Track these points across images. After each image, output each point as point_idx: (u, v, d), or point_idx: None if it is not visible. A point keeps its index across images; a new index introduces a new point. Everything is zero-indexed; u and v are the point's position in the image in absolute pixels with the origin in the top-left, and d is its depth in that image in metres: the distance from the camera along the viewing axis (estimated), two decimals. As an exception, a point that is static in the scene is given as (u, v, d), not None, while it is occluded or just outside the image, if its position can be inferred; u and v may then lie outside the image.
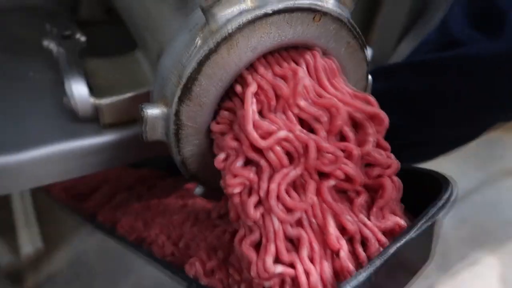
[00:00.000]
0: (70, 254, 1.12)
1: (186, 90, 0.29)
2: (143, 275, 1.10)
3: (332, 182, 0.29)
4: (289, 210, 0.27)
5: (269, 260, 0.26)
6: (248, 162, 0.29)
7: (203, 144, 0.33)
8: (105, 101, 0.45)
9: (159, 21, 0.38)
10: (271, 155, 0.28)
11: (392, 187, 0.29)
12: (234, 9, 0.28)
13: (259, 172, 0.28)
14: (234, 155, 0.29)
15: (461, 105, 0.46)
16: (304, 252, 0.27)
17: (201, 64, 0.28)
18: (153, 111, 0.30)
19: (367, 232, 0.28)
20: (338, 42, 0.32)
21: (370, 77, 0.37)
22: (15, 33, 0.61)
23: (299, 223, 0.28)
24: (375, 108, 0.30)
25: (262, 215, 0.28)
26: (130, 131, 0.47)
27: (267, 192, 0.27)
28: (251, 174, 0.28)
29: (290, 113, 0.29)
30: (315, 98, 0.30)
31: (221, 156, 0.30)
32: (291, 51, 0.32)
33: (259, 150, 0.28)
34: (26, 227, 1.07)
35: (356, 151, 0.29)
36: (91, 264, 1.10)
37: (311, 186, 0.28)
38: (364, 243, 0.28)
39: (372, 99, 0.31)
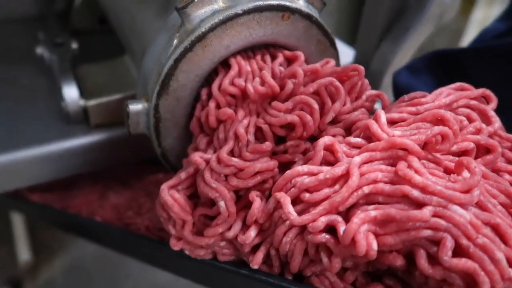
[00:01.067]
0: (68, 260, 1.14)
1: (164, 85, 0.31)
2: (141, 280, 1.11)
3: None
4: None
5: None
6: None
7: (182, 138, 0.35)
8: (93, 102, 0.47)
9: (142, 26, 0.40)
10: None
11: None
12: (207, 9, 0.31)
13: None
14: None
15: None
16: None
17: (177, 61, 0.31)
18: (135, 107, 0.33)
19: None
20: (308, 40, 0.35)
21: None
22: (9, 43, 0.63)
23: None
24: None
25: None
26: (119, 132, 0.49)
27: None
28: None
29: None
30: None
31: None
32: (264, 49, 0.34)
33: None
34: (23, 236, 1.09)
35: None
36: (89, 269, 1.12)
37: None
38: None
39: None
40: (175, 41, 0.31)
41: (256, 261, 0.28)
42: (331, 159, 0.27)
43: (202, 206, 0.30)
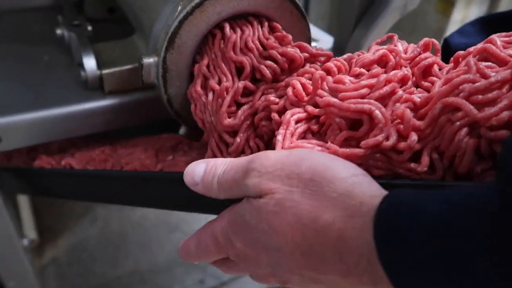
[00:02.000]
0: (72, 240, 1.22)
1: (171, 41, 0.41)
2: (140, 260, 1.19)
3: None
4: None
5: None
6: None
7: (184, 87, 0.44)
8: (107, 71, 0.56)
9: (152, 5, 0.49)
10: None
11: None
12: (204, -17, 0.40)
13: None
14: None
15: None
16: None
17: (181, 22, 0.40)
18: (148, 60, 0.42)
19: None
20: (283, 12, 0.44)
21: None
22: (29, 28, 0.73)
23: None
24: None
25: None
26: (129, 98, 0.58)
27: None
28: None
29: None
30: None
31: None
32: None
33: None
34: (29, 217, 1.16)
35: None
36: (92, 249, 1.20)
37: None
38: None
39: None
40: (179, 8, 0.41)
41: (424, 164, 0.28)
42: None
43: None
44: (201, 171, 0.32)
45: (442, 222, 0.22)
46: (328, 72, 0.37)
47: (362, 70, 0.35)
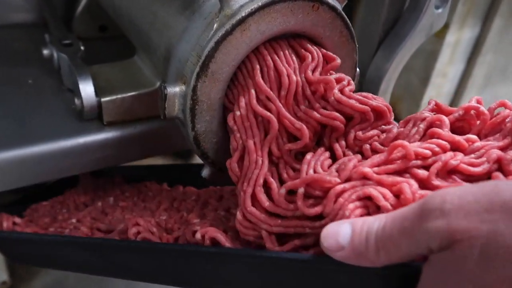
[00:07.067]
0: (48, 280, 1.10)
1: (204, 66, 0.33)
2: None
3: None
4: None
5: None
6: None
7: (215, 122, 0.36)
8: (107, 98, 0.48)
9: (166, 20, 0.41)
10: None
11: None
12: (245, -4, 0.32)
13: None
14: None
15: None
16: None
17: (218, 43, 0.32)
18: (172, 89, 0.34)
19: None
20: (332, 31, 0.37)
21: (357, 69, 0.42)
22: (14, 47, 0.63)
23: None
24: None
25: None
26: (131, 129, 0.50)
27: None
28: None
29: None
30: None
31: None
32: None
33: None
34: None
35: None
36: (71, 289, 1.09)
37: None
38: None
39: None
40: (216, 25, 0.33)
41: None
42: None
43: None
44: (347, 231, 0.25)
45: None
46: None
47: None
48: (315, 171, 0.31)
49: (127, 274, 0.44)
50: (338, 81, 0.34)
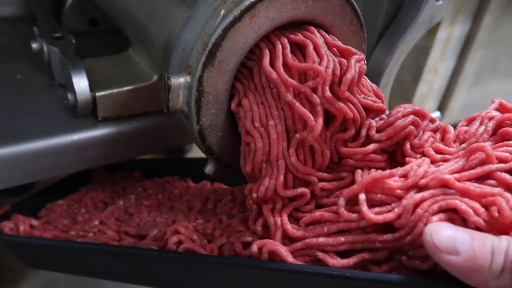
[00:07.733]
0: (38, 283, 1.07)
1: (211, 56, 0.31)
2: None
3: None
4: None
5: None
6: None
7: (221, 115, 0.34)
8: (102, 93, 0.45)
9: (167, 10, 0.39)
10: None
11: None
12: (255, -18, 0.30)
13: None
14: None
15: None
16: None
17: (225, 30, 0.30)
18: (177, 80, 0.32)
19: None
20: (342, 20, 0.35)
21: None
22: (0, 41, 0.60)
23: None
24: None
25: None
26: (127, 125, 0.47)
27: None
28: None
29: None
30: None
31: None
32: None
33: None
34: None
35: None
36: (61, 294, 1.05)
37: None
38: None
39: None
40: (223, 11, 0.31)
41: None
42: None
43: None
44: (467, 238, 0.22)
45: None
46: None
47: None
48: None
49: (162, 283, 0.41)
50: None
